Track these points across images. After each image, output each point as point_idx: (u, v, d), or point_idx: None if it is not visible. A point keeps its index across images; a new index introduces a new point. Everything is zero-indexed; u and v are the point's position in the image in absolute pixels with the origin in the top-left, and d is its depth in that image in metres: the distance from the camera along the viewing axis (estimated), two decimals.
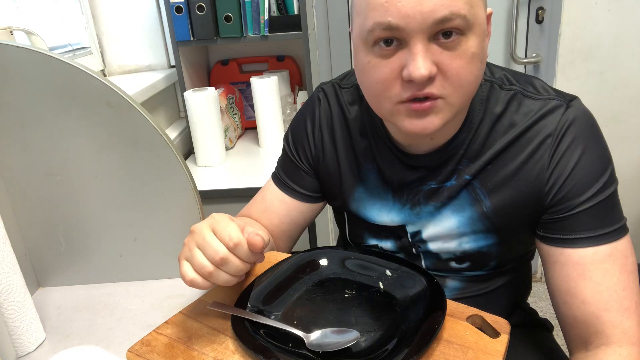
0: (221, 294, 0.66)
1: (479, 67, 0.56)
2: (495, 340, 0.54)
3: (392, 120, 0.60)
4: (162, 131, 0.74)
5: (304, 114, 0.78)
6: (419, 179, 0.69)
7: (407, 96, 0.55)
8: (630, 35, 1.63)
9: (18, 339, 0.65)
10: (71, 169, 0.75)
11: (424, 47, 0.53)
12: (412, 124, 0.58)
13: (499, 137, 0.64)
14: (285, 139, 0.81)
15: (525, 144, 0.63)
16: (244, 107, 1.72)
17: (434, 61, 0.53)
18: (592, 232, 0.61)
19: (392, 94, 0.57)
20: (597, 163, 0.61)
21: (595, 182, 0.61)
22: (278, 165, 0.83)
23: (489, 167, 0.65)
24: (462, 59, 0.54)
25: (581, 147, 0.61)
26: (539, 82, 0.65)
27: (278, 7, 1.48)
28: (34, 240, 0.79)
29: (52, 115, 0.72)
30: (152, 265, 0.81)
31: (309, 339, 0.54)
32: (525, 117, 0.63)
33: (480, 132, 0.65)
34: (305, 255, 0.70)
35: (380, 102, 0.59)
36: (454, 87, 0.55)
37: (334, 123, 0.75)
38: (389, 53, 0.55)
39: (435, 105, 0.56)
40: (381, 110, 0.60)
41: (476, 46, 0.54)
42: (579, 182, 0.61)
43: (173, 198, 0.77)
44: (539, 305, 1.88)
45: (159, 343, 0.56)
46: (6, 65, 0.69)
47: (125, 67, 1.64)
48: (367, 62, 0.57)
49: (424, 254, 0.73)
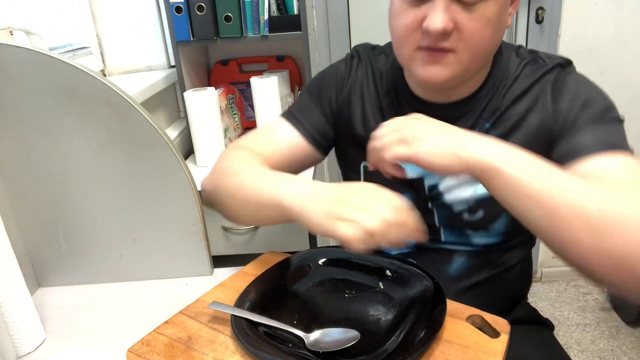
0: (221, 294, 0.66)
1: (493, 32, 0.63)
2: (495, 340, 0.54)
3: (409, 65, 0.67)
4: (162, 131, 0.74)
5: (337, 67, 0.83)
6: None
7: (423, 44, 0.63)
8: (630, 35, 1.63)
9: (18, 339, 0.65)
10: (71, 169, 0.75)
11: (446, 4, 0.60)
12: (424, 70, 0.65)
13: (513, 95, 0.70)
14: (307, 87, 0.84)
15: (532, 93, 0.69)
16: (244, 107, 1.72)
17: (452, 18, 0.60)
18: (596, 142, 0.61)
19: (412, 40, 0.64)
20: (595, 92, 0.67)
21: (594, 104, 0.65)
22: (291, 107, 0.83)
23: (504, 117, 0.70)
24: (478, 21, 0.60)
25: (577, 84, 0.67)
26: (544, 54, 0.73)
27: (278, 7, 1.48)
28: (34, 240, 0.79)
29: (52, 115, 0.72)
30: (152, 265, 0.81)
31: (309, 339, 0.54)
32: (533, 76, 0.70)
33: (500, 92, 0.71)
34: (305, 255, 0.70)
35: (402, 46, 0.66)
36: (466, 45, 0.62)
37: (364, 80, 0.79)
38: (417, 3, 0.62)
39: (445, 57, 0.63)
40: (401, 53, 0.68)
41: (494, 13, 0.61)
42: (578, 107, 0.65)
43: (173, 198, 0.77)
44: (539, 305, 1.89)
45: (159, 343, 0.56)
46: (6, 65, 0.69)
47: (125, 67, 1.64)
48: (398, 6, 0.65)
49: (438, 207, 0.75)
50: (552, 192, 0.51)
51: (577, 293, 1.95)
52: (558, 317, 1.82)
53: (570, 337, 1.72)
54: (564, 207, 0.51)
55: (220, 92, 1.51)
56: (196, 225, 0.79)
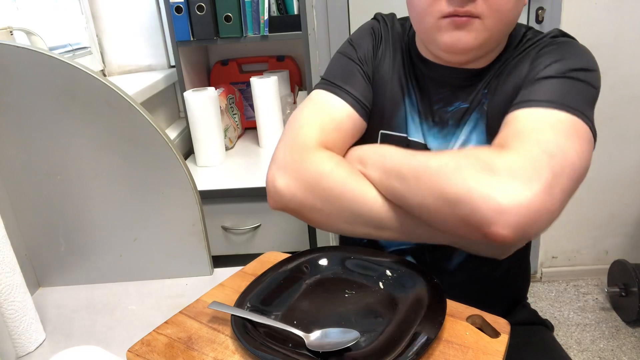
0: (221, 294, 0.66)
1: (517, 3, 0.64)
2: (495, 340, 0.54)
3: (433, 35, 0.67)
4: (162, 131, 0.74)
5: (368, 27, 0.81)
6: (445, 97, 0.73)
7: (449, 11, 0.63)
8: (630, 35, 1.63)
9: (18, 339, 0.65)
10: (71, 169, 0.75)
11: None
12: (450, 36, 0.65)
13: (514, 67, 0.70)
14: (348, 43, 0.80)
15: (519, 56, 0.71)
16: (244, 107, 1.72)
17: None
18: (548, 96, 0.61)
19: (436, 9, 0.64)
20: (571, 50, 0.67)
21: (562, 59, 0.64)
22: (330, 76, 0.77)
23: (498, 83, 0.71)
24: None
25: (559, 47, 0.67)
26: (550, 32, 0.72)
27: (278, 7, 1.48)
28: (34, 240, 0.79)
29: (52, 115, 0.72)
30: (152, 265, 0.81)
31: (309, 339, 0.54)
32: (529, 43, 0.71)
33: (506, 65, 0.71)
34: (305, 255, 0.70)
35: (424, 17, 0.66)
36: (492, 10, 0.62)
37: (390, 45, 0.79)
38: None
39: (472, 22, 0.63)
40: (423, 25, 0.67)
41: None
42: (547, 56, 0.66)
43: (173, 198, 0.77)
44: (539, 305, 1.89)
45: (159, 343, 0.56)
46: (6, 65, 0.69)
47: (125, 67, 1.64)
48: None
49: None
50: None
51: (577, 293, 1.95)
52: (558, 317, 1.82)
53: (570, 337, 1.72)
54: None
55: (220, 92, 1.51)
56: (196, 225, 0.79)
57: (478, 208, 0.52)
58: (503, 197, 0.51)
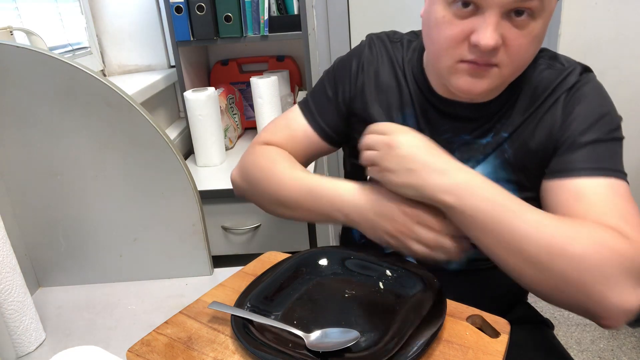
0: (221, 294, 0.66)
1: (537, 47, 0.64)
2: (495, 340, 0.54)
3: (448, 76, 0.66)
4: (162, 131, 0.74)
5: (351, 57, 0.81)
6: (452, 129, 0.72)
7: (470, 58, 0.62)
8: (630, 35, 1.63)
9: (18, 339, 0.65)
10: (71, 169, 0.75)
11: (497, 20, 0.58)
12: (466, 83, 0.64)
13: (533, 102, 0.70)
14: (326, 73, 0.84)
15: (548, 101, 0.69)
16: (244, 107, 1.72)
17: (501, 34, 0.59)
18: (590, 164, 0.63)
19: (456, 52, 0.62)
20: (607, 109, 0.67)
21: (602, 124, 0.65)
22: (309, 97, 0.84)
23: (521, 127, 0.70)
24: (526, 38, 0.60)
25: (588, 95, 0.67)
26: (563, 57, 0.73)
27: (278, 7, 1.48)
28: (34, 240, 0.79)
29: (52, 115, 0.72)
30: (152, 265, 0.81)
31: (309, 339, 0.54)
32: (552, 82, 0.70)
33: (520, 98, 0.70)
34: (305, 255, 0.70)
35: (442, 57, 0.64)
36: (511, 59, 0.61)
37: (380, 69, 0.78)
38: (465, 15, 0.60)
39: (490, 71, 0.62)
40: (440, 64, 0.66)
41: (540, 29, 0.60)
42: (587, 124, 0.66)
43: (173, 198, 0.77)
44: (539, 305, 1.88)
45: (159, 343, 0.56)
46: (6, 65, 0.69)
47: (125, 67, 1.64)
48: (441, 16, 0.62)
49: None
50: (502, 229, 0.56)
51: None
52: (558, 317, 1.82)
53: (570, 337, 1.72)
54: (513, 243, 0.56)
55: (220, 92, 1.51)
56: (196, 225, 0.79)
57: (599, 304, 0.53)
58: (625, 302, 0.52)
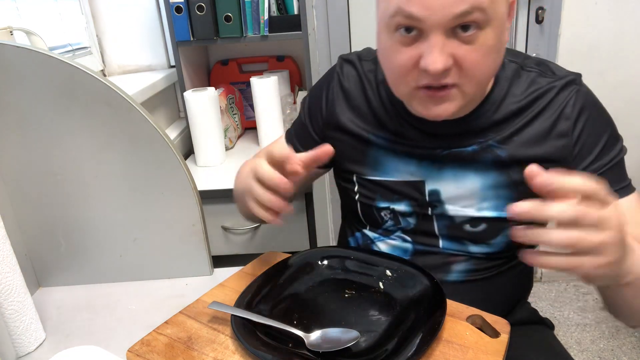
0: (221, 294, 0.66)
1: (495, 58, 0.59)
2: (495, 340, 0.54)
3: (409, 103, 0.64)
4: (162, 131, 0.74)
5: (322, 85, 0.80)
6: (439, 146, 0.70)
7: (423, 84, 0.59)
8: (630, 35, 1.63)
9: (18, 339, 0.65)
10: (71, 169, 0.75)
11: (442, 40, 0.55)
12: (427, 110, 0.61)
13: (522, 112, 0.67)
14: (302, 103, 0.84)
15: (547, 115, 0.67)
16: (244, 107, 1.72)
17: (450, 54, 0.56)
18: (616, 185, 0.65)
19: (410, 79, 0.60)
20: (610, 123, 0.68)
21: (612, 144, 0.66)
22: (292, 127, 0.85)
23: (516, 139, 0.67)
24: (478, 52, 0.56)
25: (590, 108, 0.67)
26: (554, 65, 0.70)
27: (278, 7, 1.48)
28: (34, 240, 0.79)
29: (52, 115, 0.72)
30: (152, 265, 0.81)
31: (309, 339, 0.54)
32: (547, 93, 0.67)
33: (503, 107, 0.68)
34: (305, 255, 0.70)
35: (398, 85, 0.63)
36: (469, 77, 0.58)
37: (350, 93, 0.76)
38: (409, 41, 0.57)
39: (449, 94, 0.59)
40: (399, 92, 0.64)
41: (493, 39, 0.56)
42: (601, 144, 0.66)
43: (173, 198, 0.77)
44: (539, 305, 1.89)
45: (159, 343, 0.57)
46: (6, 65, 0.69)
47: (125, 67, 1.64)
48: (388, 45, 0.60)
49: (438, 216, 0.72)
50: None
51: (577, 293, 1.95)
52: (558, 317, 1.82)
53: (570, 337, 1.72)
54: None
55: (220, 92, 1.51)
56: (196, 225, 0.79)
57: None
58: None
